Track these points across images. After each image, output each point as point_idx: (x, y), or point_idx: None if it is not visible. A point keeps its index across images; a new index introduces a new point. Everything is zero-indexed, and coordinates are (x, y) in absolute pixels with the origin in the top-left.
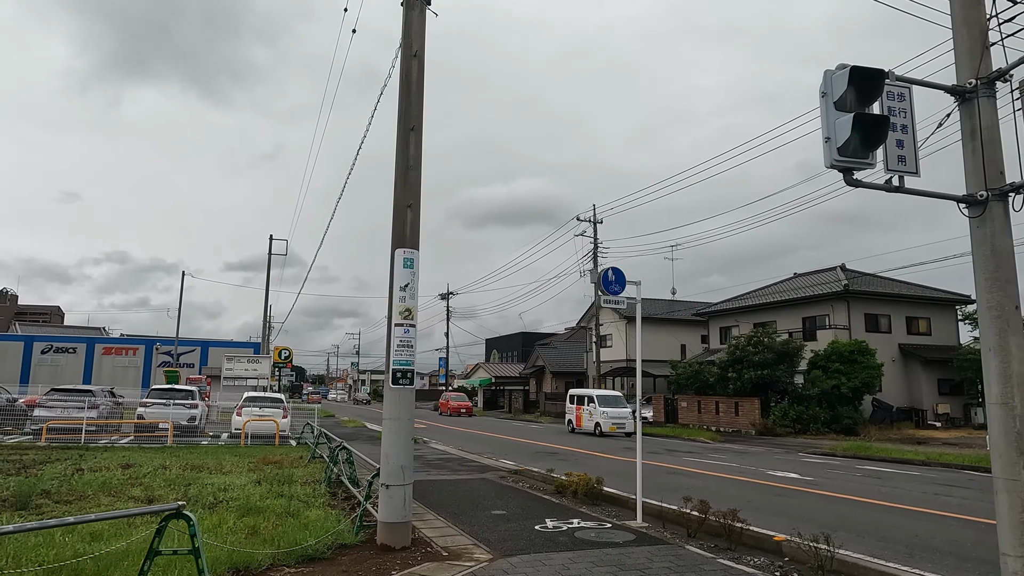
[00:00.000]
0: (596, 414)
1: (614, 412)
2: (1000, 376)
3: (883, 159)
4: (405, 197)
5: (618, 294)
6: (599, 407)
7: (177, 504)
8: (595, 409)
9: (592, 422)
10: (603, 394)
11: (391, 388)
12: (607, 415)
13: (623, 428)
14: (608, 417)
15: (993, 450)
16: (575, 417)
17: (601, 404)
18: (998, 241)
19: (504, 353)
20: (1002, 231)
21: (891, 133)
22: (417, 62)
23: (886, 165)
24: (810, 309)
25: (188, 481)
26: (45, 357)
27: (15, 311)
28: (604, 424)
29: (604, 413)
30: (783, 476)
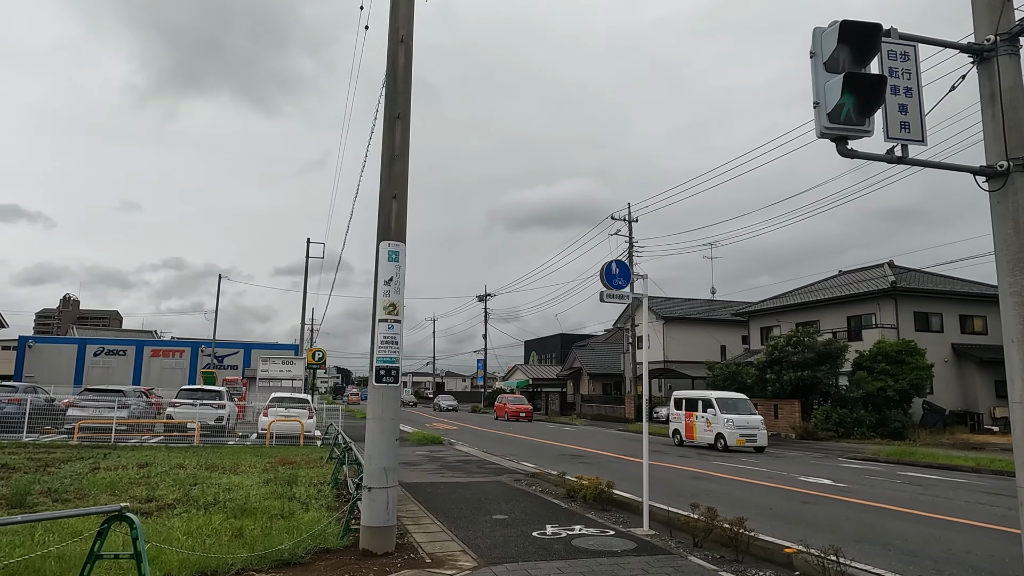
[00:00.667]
0: (717, 422)
1: (741, 420)
2: None
3: (883, 126)
4: (390, 188)
5: (622, 288)
6: (720, 413)
7: (120, 506)
8: (715, 416)
9: (710, 433)
10: (725, 397)
11: (374, 387)
12: (732, 424)
13: (754, 440)
14: (734, 427)
15: (1017, 456)
16: (684, 427)
17: (723, 409)
18: (1022, 217)
19: (543, 355)
20: None
21: (892, 97)
22: (404, 48)
23: (886, 133)
24: (855, 308)
25: (196, 481)
26: (97, 359)
27: (77, 315)
28: (729, 435)
29: (728, 422)
30: (815, 482)
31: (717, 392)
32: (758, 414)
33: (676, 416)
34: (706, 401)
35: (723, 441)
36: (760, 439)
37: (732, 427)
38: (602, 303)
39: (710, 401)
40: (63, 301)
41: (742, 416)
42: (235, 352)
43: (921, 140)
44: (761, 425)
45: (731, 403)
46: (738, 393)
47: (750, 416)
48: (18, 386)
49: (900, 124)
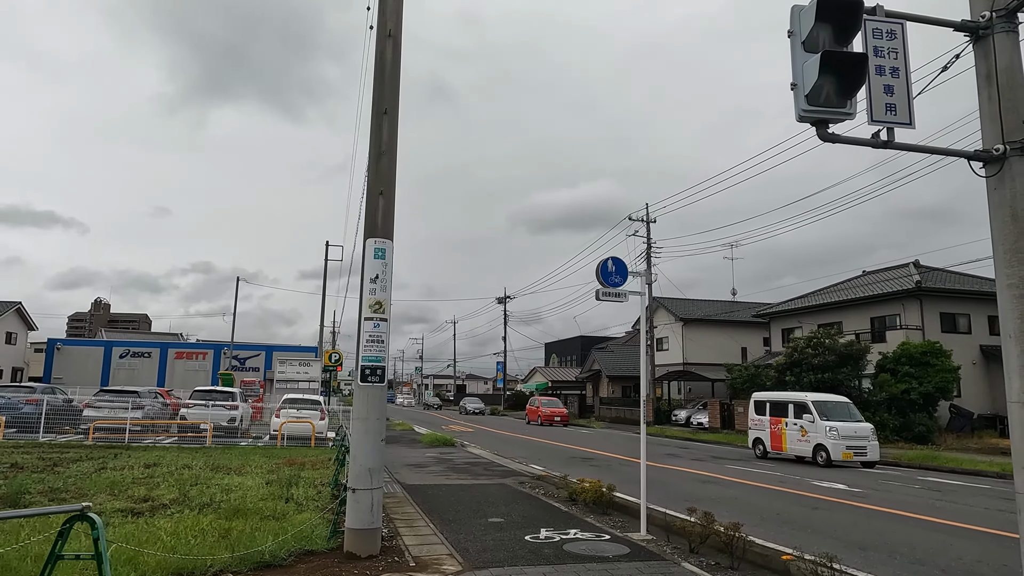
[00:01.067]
0: (816, 431)
1: (847, 428)
2: (1022, 369)
3: (867, 109)
4: (377, 184)
5: (619, 286)
6: (820, 419)
7: (82, 505)
8: (813, 423)
9: (806, 443)
10: (824, 400)
11: (360, 386)
12: (836, 433)
13: (863, 453)
14: (839, 436)
15: (1016, 458)
16: (769, 435)
17: (824, 415)
18: (1020, 204)
19: (563, 357)
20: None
21: (877, 78)
22: (392, 42)
23: (870, 116)
24: (879, 308)
25: (197, 481)
26: (123, 361)
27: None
28: (833, 447)
29: (832, 431)
30: (828, 487)
31: (814, 394)
32: (863, 419)
33: (757, 422)
34: (799, 404)
35: (824, 454)
36: (871, 452)
37: (837, 437)
38: (598, 301)
39: (805, 404)
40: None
41: (848, 424)
42: (256, 354)
43: (908, 123)
44: (871, 435)
45: (832, 407)
46: (838, 395)
47: (857, 424)
48: (36, 387)
49: (885, 106)
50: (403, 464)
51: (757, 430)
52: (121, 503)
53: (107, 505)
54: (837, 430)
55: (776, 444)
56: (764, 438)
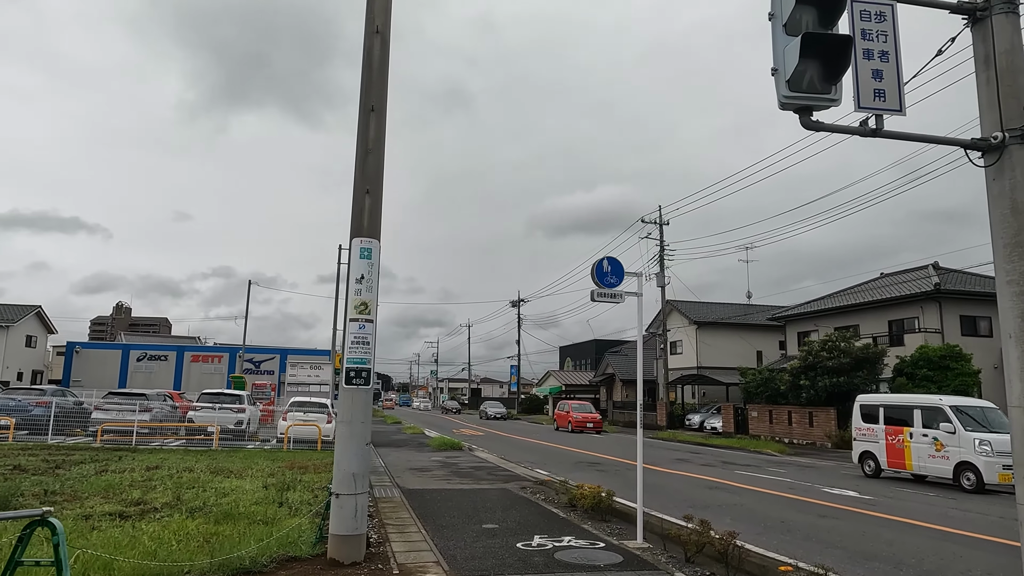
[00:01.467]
0: (959, 445)
1: (1002, 442)
2: (1023, 371)
3: (854, 95)
4: (363, 182)
5: (614, 286)
6: (964, 431)
7: (42, 510)
8: (953, 435)
9: (944, 461)
10: (966, 405)
11: (344, 388)
12: (989, 448)
13: None
14: (992, 452)
15: (1017, 468)
16: (884, 449)
17: (968, 425)
18: (1020, 195)
19: (577, 361)
20: None
21: (865, 62)
22: (380, 39)
23: (857, 102)
24: (897, 311)
25: (195, 485)
26: (140, 364)
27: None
28: (986, 467)
29: (983, 445)
30: (839, 494)
31: (951, 397)
32: None
33: (867, 432)
34: (930, 410)
35: (973, 475)
36: None
37: (990, 454)
38: (593, 302)
39: (940, 411)
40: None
41: (999, 435)
42: (271, 358)
43: (899, 110)
44: None
45: (978, 415)
46: (982, 400)
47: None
48: (46, 389)
49: (874, 92)
50: (407, 468)
51: (866, 441)
52: (113, 506)
53: (98, 508)
54: (990, 444)
55: (895, 460)
56: (877, 452)
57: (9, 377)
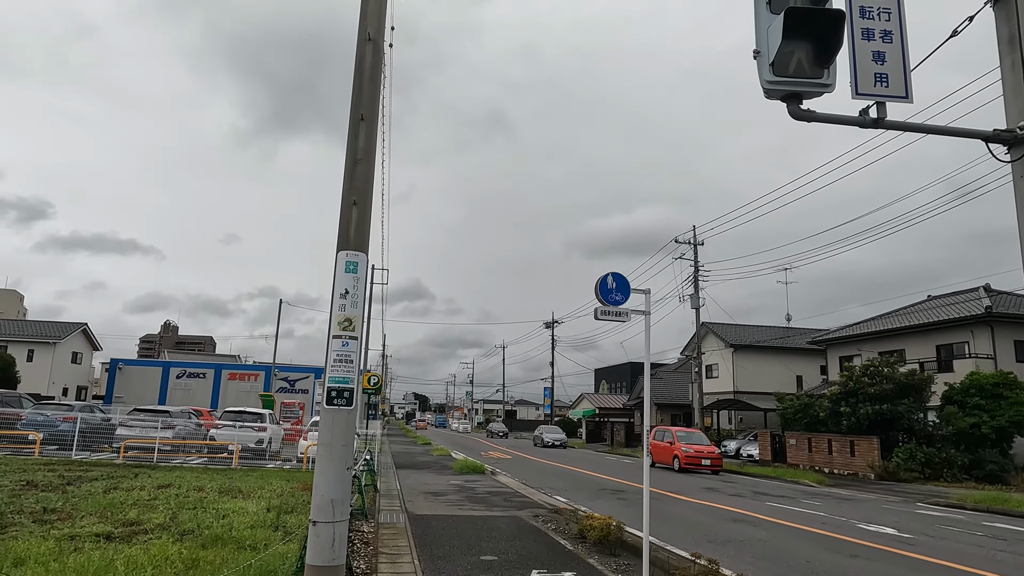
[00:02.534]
0: None
1: None
2: None
3: (851, 80)
4: (351, 193)
5: (619, 304)
6: None
7: None
8: None
9: None
10: None
11: (325, 409)
12: None
13: None
14: None
15: None
16: None
17: None
18: None
19: (612, 384)
20: None
21: (864, 42)
22: (372, 46)
23: (855, 88)
24: (945, 336)
25: (197, 505)
26: (179, 381)
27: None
28: None
29: None
30: (875, 531)
31: None
32: None
33: None
34: None
35: None
36: None
37: None
38: (596, 320)
39: None
40: (163, 327)
41: None
42: (305, 376)
43: (904, 96)
44: None
45: None
46: None
47: None
48: (74, 405)
49: (875, 77)
50: (421, 492)
51: None
52: (104, 527)
53: (88, 528)
54: None
55: None
56: None
57: (55, 392)
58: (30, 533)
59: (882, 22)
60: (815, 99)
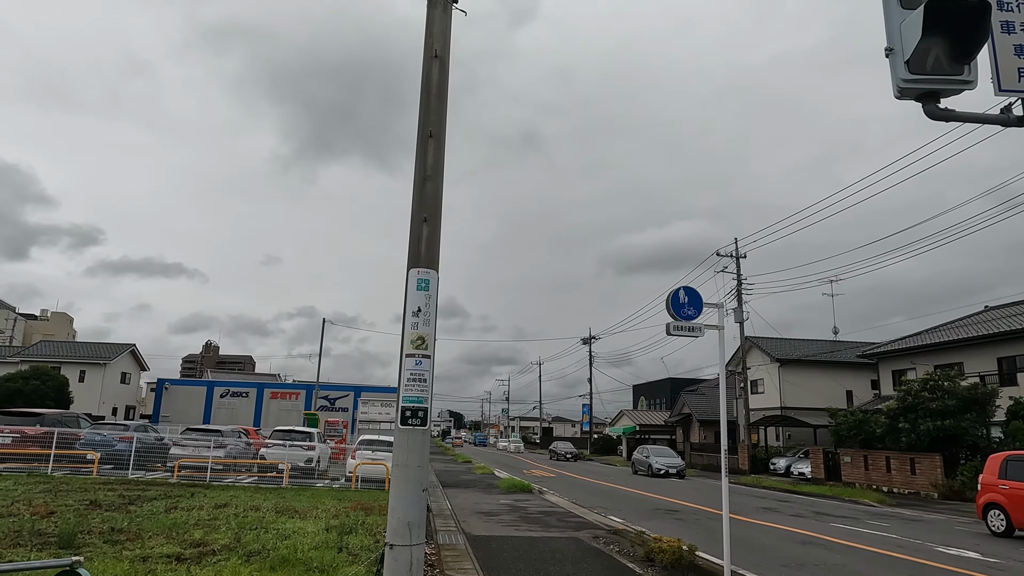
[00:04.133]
0: None
1: None
2: None
3: (992, 76)
4: (421, 210)
5: (692, 319)
6: None
7: (72, 560)
8: None
9: None
10: None
11: (400, 430)
12: None
13: None
14: None
15: None
16: None
17: None
18: None
19: (652, 400)
20: None
21: (1004, 36)
22: (439, 63)
23: (997, 84)
24: (1007, 348)
25: (258, 525)
26: (223, 400)
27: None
28: None
29: None
30: (956, 555)
31: None
32: None
33: None
34: None
35: None
36: None
37: None
38: (668, 335)
39: None
40: (205, 347)
41: None
42: (346, 395)
43: None
44: None
45: None
46: None
47: None
48: (129, 424)
49: (1019, 72)
50: (474, 512)
51: None
52: (172, 547)
53: (158, 549)
54: None
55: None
56: None
57: (105, 412)
58: (103, 554)
59: (1023, 14)
60: (952, 97)
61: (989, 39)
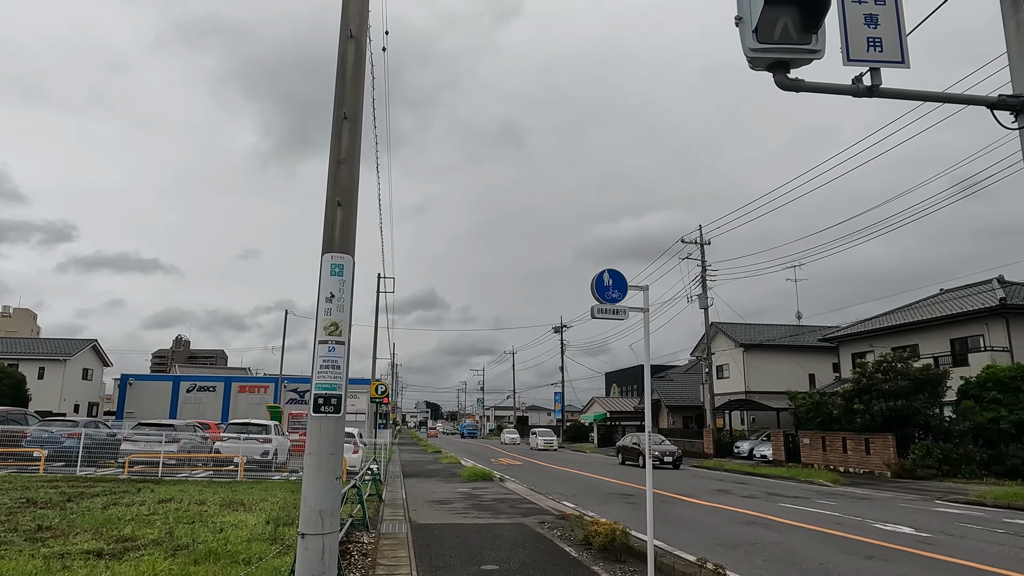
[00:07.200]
0: None
1: None
2: None
3: (841, 46)
4: (335, 194)
5: (617, 301)
6: None
7: None
8: None
9: None
10: None
11: (312, 417)
12: None
13: None
14: None
15: None
16: None
17: None
18: None
19: (624, 387)
20: None
21: (855, 5)
22: (355, 44)
23: (847, 53)
24: (959, 329)
25: (196, 519)
26: (189, 395)
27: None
28: None
29: None
30: (892, 531)
31: None
32: None
33: None
34: None
35: None
36: None
37: None
38: (593, 319)
39: None
40: (175, 341)
41: None
42: None
43: (900, 61)
44: None
45: None
46: None
47: None
48: (79, 420)
49: (867, 41)
50: (428, 500)
51: None
52: (97, 543)
53: (80, 546)
54: None
55: None
56: None
57: (66, 409)
58: (19, 552)
59: None
60: (803, 68)
61: (839, 9)
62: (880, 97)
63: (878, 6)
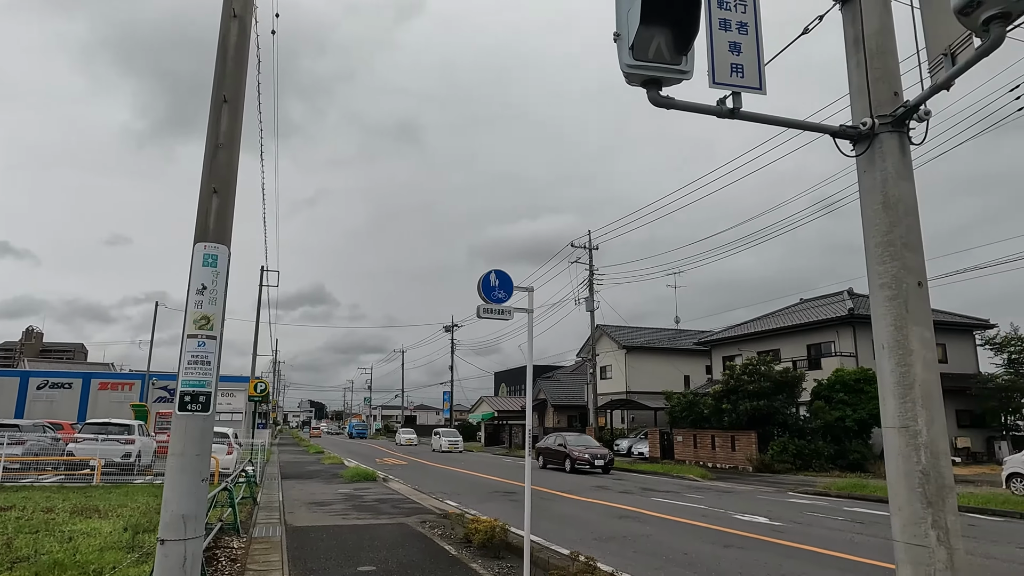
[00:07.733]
0: None
1: None
2: (897, 386)
3: (708, 69)
4: (211, 180)
5: (503, 302)
6: None
7: None
8: None
9: None
10: None
11: (178, 416)
12: None
13: None
14: None
15: (892, 499)
16: None
17: None
18: (892, 188)
19: (512, 387)
20: (897, 174)
21: (722, 33)
22: (239, 23)
23: (712, 77)
24: (814, 336)
25: (40, 528)
26: (40, 393)
27: (40, 348)
28: None
29: None
30: (749, 521)
31: None
32: None
33: None
34: None
35: None
36: None
37: None
38: (479, 318)
39: None
40: (25, 333)
41: None
42: None
43: (758, 88)
44: None
45: None
46: None
47: None
48: None
49: (731, 67)
50: (306, 502)
51: None
52: None
53: None
54: None
55: None
56: None
57: None
58: None
59: (738, 13)
60: (675, 87)
61: (708, 35)
62: (741, 119)
63: (741, 35)
